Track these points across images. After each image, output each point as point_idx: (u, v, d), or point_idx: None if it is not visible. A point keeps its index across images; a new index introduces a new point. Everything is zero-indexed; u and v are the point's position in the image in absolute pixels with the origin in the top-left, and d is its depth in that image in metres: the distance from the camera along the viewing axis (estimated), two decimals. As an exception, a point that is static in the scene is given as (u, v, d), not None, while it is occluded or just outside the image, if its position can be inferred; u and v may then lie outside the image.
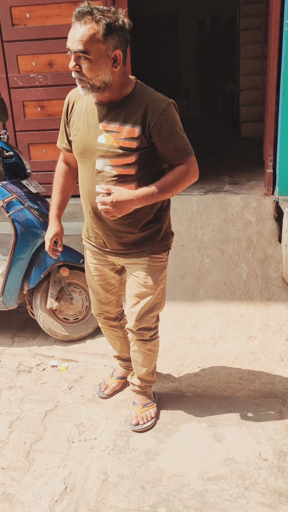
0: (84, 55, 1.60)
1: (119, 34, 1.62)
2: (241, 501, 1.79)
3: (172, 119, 1.76)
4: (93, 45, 1.59)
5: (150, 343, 2.13)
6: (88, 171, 1.87)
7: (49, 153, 3.98)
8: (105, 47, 1.61)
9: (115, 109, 1.76)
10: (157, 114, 1.73)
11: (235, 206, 3.63)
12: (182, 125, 1.84)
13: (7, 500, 1.86)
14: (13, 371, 2.69)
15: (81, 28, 1.58)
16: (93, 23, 1.57)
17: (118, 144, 1.77)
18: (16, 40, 3.74)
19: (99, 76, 1.65)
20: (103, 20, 1.57)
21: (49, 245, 2.14)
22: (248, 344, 2.79)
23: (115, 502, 1.81)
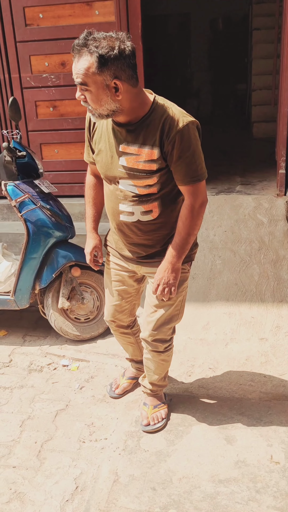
0: (85, 87, 1.62)
1: (116, 63, 1.58)
2: (253, 504, 1.78)
3: (188, 139, 1.69)
4: (90, 78, 1.59)
5: (164, 354, 2.11)
6: (112, 190, 1.90)
7: (61, 153, 3.99)
8: (102, 78, 1.59)
9: (134, 131, 1.74)
10: (172, 132, 1.68)
11: (247, 206, 3.62)
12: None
13: (18, 499, 1.86)
14: (25, 370, 2.70)
15: (79, 62, 1.59)
16: (88, 56, 1.57)
17: (138, 166, 1.76)
18: (29, 41, 3.75)
19: (103, 106, 1.65)
20: (95, 53, 1.55)
21: (90, 258, 2.15)
22: (260, 345, 2.77)
23: (126, 503, 1.81)
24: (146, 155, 1.74)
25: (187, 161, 1.72)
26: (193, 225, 1.82)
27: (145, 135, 1.72)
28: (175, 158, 1.71)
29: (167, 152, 1.71)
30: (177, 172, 1.76)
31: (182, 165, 1.73)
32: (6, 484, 1.94)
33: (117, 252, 2.09)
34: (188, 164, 1.72)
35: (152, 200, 1.84)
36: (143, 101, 1.71)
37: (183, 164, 1.72)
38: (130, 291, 2.17)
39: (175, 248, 1.85)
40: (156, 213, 1.87)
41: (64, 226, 2.82)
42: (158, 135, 1.70)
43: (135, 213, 1.87)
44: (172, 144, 1.69)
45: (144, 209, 1.86)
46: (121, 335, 2.34)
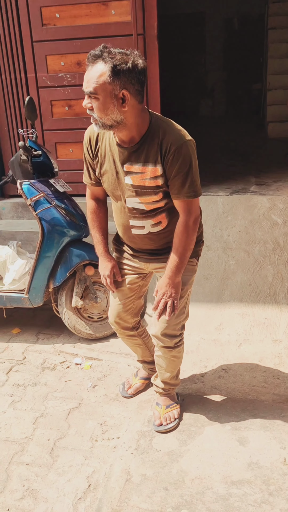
0: (93, 95, 1.67)
1: (127, 75, 1.64)
2: (265, 507, 1.77)
3: (185, 157, 1.75)
4: (100, 86, 1.64)
5: (175, 350, 2.11)
6: (120, 207, 1.97)
7: (76, 152, 4.01)
8: (112, 87, 1.64)
9: (136, 150, 1.79)
10: (171, 150, 1.74)
11: (261, 207, 3.59)
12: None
13: (31, 496, 1.88)
14: (38, 368, 2.72)
15: (92, 71, 1.65)
16: (101, 65, 1.63)
17: (144, 184, 1.83)
18: (46, 40, 3.77)
19: (108, 115, 1.69)
20: (109, 63, 1.62)
21: (110, 281, 2.15)
22: (273, 347, 2.75)
23: (138, 502, 1.82)
24: (150, 172, 1.80)
25: (183, 178, 1.78)
26: (189, 241, 1.90)
27: (146, 154, 1.78)
28: (172, 175, 1.78)
29: (166, 168, 1.78)
30: (173, 188, 1.82)
31: (178, 181, 1.79)
32: (19, 481, 1.95)
33: (125, 252, 2.13)
34: (184, 181, 1.79)
35: (159, 212, 1.92)
36: (145, 119, 1.77)
37: (179, 180, 1.79)
38: (134, 289, 2.19)
39: (174, 264, 1.91)
40: (165, 223, 1.95)
41: (79, 225, 2.83)
42: (158, 153, 1.77)
43: (146, 226, 1.96)
44: (170, 162, 1.75)
45: (153, 221, 1.94)
46: (127, 338, 2.34)
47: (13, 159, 2.83)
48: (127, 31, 3.60)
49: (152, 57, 3.66)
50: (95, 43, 3.68)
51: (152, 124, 1.77)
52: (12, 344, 2.99)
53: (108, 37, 3.67)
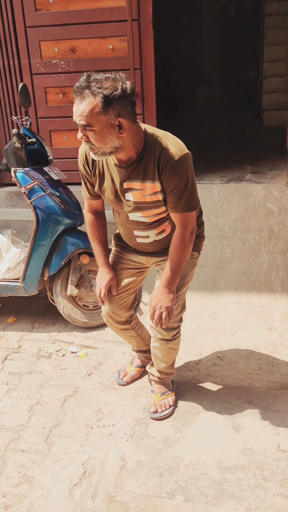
0: (88, 128, 1.65)
1: (120, 103, 1.62)
2: (259, 491, 1.79)
3: (181, 172, 1.76)
4: (95, 118, 1.62)
5: (172, 342, 2.12)
6: (123, 219, 2.00)
7: (70, 140, 3.97)
8: (107, 118, 1.63)
9: (135, 168, 1.79)
10: (167, 166, 1.75)
11: (257, 195, 3.59)
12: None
13: (27, 482, 1.89)
14: (33, 357, 2.72)
15: (81, 104, 1.62)
16: (91, 97, 1.60)
17: (145, 199, 1.85)
18: (39, 26, 3.71)
19: (107, 144, 1.68)
20: (100, 94, 1.59)
21: (105, 292, 2.14)
22: (268, 335, 2.77)
23: (133, 488, 1.83)
24: (149, 188, 1.81)
25: (180, 192, 1.79)
26: (185, 253, 1.91)
27: (144, 171, 1.79)
28: (169, 190, 1.79)
29: (163, 183, 1.79)
30: (170, 201, 1.83)
31: (175, 195, 1.80)
32: (15, 467, 1.96)
33: (126, 247, 2.15)
34: (180, 195, 1.80)
35: (162, 221, 1.95)
36: (140, 136, 1.77)
37: (176, 195, 1.80)
38: (130, 284, 2.19)
39: (169, 274, 1.92)
40: (168, 230, 1.99)
41: (73, 214, 2.82)
42: (156, 170, 1.77)
43: (150, 236, 2.00)
44: (167, 177, 1.76)
45: (158, 231, 1.98)
46: (120, 331, 2.34)
47: (7, 147, 2.81)
48: (122, 16, 3.56)
49: (147, 43, 3.62)
50: (90, 28, 3.65)
51: (147, 141, 1.77)
52: (8, 332, 2.99)
53: (103, 23, 3.63)
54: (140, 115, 3.80)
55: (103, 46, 3.69)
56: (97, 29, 3.64)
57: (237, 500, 1.76)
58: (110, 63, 3.72)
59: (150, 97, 3.75)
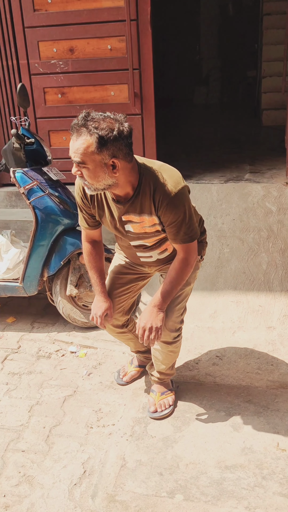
0: (82, 165, 1.66)
1: (115, 144, 1.64)
2: (259, 490, 1.79)
3: (178, 207, 1.79)
4: (89, 157, 1.64)
5: (172, 345, 2.12)
6: (125, 243, 2.03)
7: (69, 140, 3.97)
8: (101, 157, 1.64)
9: (132, 203, 1.82)
10: (163, 203, 1.77)
11: (255, 195, 3.59)
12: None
13: (27, 482, 1.89)
14: (33, 357, 2.72)
15: (77, 141, 1.63)
16: (87, 136, 1.61)
17: (145, 231, 1.90)
18: (38, 26, 3.71)
19: (99, 182, 1.71)
20: (95, 134, 1.60)
21: (101, 321, 2.13)
22: (267, 334, 2.77)
23: (133, 487, 1.84)
24: (148, 221, 1.85)
25: (178, 226, 1.82)
26: (185, 276, 1.94)
27: (141, 206, 1.81)
28: (167, 224, 1.83)
29: (160, 218, 1.83)
30: (170, 233, 1.87)
31: (173, 228, 1.83)
32: (15, 467, 1.97)
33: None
34: (179, 228, 1.83)
35: (163, 242, 1.99)
36: (135, 172, 1.78)
37: (175, 228, 1.83)
38: (130, 288, 2.21)
39: (164, 295, 1.94)
40: (171, 249, 2.03)
41: (72, 214, 2.82)
42: (152, 206, 1.80)
43: (153, 255, 2.04)
44: (163, 214, 1.80)
45: (160, 250, 2.02)
46: (118, 335, 2.34)
47: (6, 147, 2.81)
48: (120, 16, 3.56)
49: (145, 43, 3.62)
50: (88, 29, 3.65)
51: (142, 176, 1.78)
52: (7, 333, 2.99)
53: (101, 23, 3.63)
54: (139, 115, 3.80)
55: (101, 46, 3.69)
56: (96, 29, 3.65)
57: (236, 499, 1.76)
58: (108, 63, 3.72)
59: (148, 97, 3.75)
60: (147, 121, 3.81)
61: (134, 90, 3.71)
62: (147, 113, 3.79)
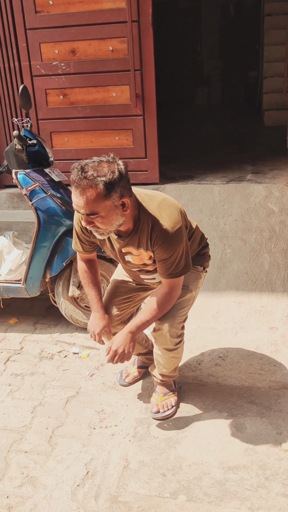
0: (96, 215, 1.69)
1: (120, 184, 1.67)
2: (262, 491, 1.79)
3: (170, 250, 1.83)
4: (100, 205, 1.66)
5: (174, 351, 2.11)
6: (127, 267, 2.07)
7: (71, 142, 3.99)
8: (111, 202, 1.68)
9: (131, 238, 1.87)
10: (157, 244, 1.83)
11: (257, 195, 3.59)
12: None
13: (30, 483, 1.90)
14: (36, 358, 2.73)
15: (83, 196, 1.64)
16: (91, 188, 1.63)
17: (144, 262, 1.96)
18: (39, 28, 3.73)
19: (113, 224, 1.75)
20: (100, 183, 1.62)
21: (99, 339, 2.13)
22: (270, 335, 2.77)
23: (136, 488, 1.84)
24: (145, 255, 1.92)
25: (169, 264, 1.86)
26: (164, 310, 1.97)
27: (139, 240, 1.87)
28: (158, 259, 1.89)
29: (154, 253, 1.89)
30: (159, 268, 1.91)
31: (164, 265, 1.88)
32: (18, 468, 1.97)
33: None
34: (170, 264, 1.87)
35: None
36: (136, 207, 1.82)
37: (165, 265, 1.87)
38: (131, 297, 2.22)
39: (141, 324, 1.97)
40: None
41: (75, 215, 2.82)
42: (149, 243, 1.85)
43: (156, 277, 2.06)
44: (157, 251, 1.86)
45: None
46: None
47: (8, 149, 2.81)
48: (122, 17, 3.57)
49: (147, 44, 3.63)
50: (90, 30, 3.66)
51: (141, 211, 1.82)
52: (10, 334, 3.00)
53: (103, 24, 3.64)
54: (140, 116, 3.81)
55: (103, 47, 3.70)
56: (97, 31, 3.66)
57: (239, 499, 1.76)
58: (110, 65, 3.73)
59: (150, 98, 3.76)
60: (149, 122, 3.82)
61: (136, 91, 3.71)
62: (148, 114, 3.80)
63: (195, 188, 3.78)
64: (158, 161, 3.93)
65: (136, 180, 3.98)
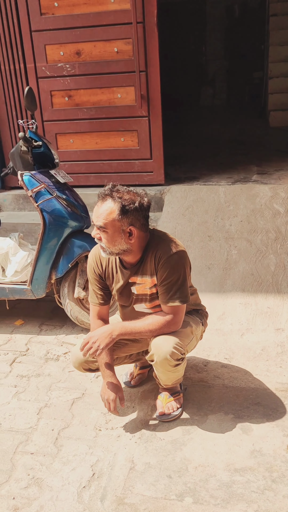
0: (102, 229, 1.88)
1: (134, 214, 1.87)
2: (268, 494, 1.78)
3: (173, 267, 1.94)
4: (110, 222, 1.86)
5: (175, 368, 2.06)
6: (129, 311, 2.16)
7: (76, 143, 3.99)
8: (120, 224, 1.86)
9: (138, 267, 2.02)
10: (161, 261, 1.95)
11: (263, 196, 3.58)
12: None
13: (36, 484, 1.90)
14: (41, 359, 2.73)
15: (102, 207, 1.87)
16: (111, 203, 1.85)
17: (145, 292, 2.05)
18: (44, 30, 3.74)
19: (116, 246, 1.92)
20: (118, 203, 1.84)
21: (114, 406, 2.08)
22: (276, 336, 2.76)
23: (142, 490, 1.83)
24: (150, 282, 2.02)
25: (171, 285, 1.96)
26: (161, 331, 2.01)
27: (143, 268, 2.01)
28: (160, 281, 1.98)
29: (157, 275, 1.99)
30: (161, 293, 2.00)
31: (164, 287, 1.98)
32: (24, 470, 1.97)
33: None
34: (171, 288, 1.96)
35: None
36: (146, 240, 1.99)
37: (167, 286, 1.97)
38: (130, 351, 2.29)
39: (129, 328, 2.01)
40: None
41: (80, 216, 2.83)
42: (153, 265, 1.98)
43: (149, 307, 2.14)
44: (160, 271, 1.96)
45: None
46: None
47: (14, 150, 2.82)
48: (127, 19, 3.57)
49: (152, 46, 3.64)
50: (95, 32, 3.67)
51: (149, 241, 1.99)
52: (15, 335, 3.01)
53: (108, 26, 3.65)
54: (146, 117, 3.81)
55: (108, 49, 3.71)
56: (102, 32, 3.66)
57: (246, 502, 1.75)
58: (115, 66, 3.74)
59: (155, 99, 3.76)
60: (154, 123, 3.82)
61: (141, 92, 3.71)
62: (154, 115, 3.80)
63: (200, 189, 3.77)
64: (163, 162, 3.93)
65: (141, 181, 3.98)
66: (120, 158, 3.96)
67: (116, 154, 3.95)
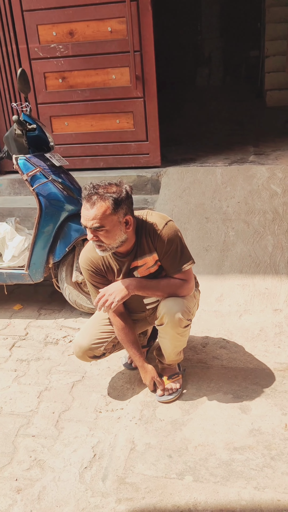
0: (100, 229, 1.87)
1: (125, 202, 1.88)
2: (267, 471, 1.81)
3: (168, 240, 1.98)
4: (107, 219, 1.85)
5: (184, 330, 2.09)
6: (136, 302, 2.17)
7: (71, 126, 3.95)
8: (117, 217, 1.87)
9: (136, 250, 2.03)
10: (157, 237, 1.98)
11: (260, 177, 3.56)
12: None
13: (38, 466, 1.92)
14: (41, 343, 2.74)
15: (93, 209, 1.84)
16: (102, 202, 1.84)
17: (149, 271, 2.07)
18: (36, 9, 3.66)
19: (116, 240, 1.92)
20: (110, 198, 1.84)
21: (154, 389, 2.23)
22: (274, 317, 2.77)
23: (142, 470, 1.86)
24: (150, 260, 2.04)
25: (173, 253, 2.00)
26: (176, 292, 2.04)
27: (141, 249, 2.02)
28: (163, 254, 2.01)
29: (157, 250, 2.01)
30: (167, 265, 2.04)
31: (168, 258, 2.02)
32: (26, 452, 1.99)
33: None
34: (174, 256, 2.01)
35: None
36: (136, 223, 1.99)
37: (169, 257, 2.01)
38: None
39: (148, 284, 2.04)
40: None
41: (76, 200, 2.81)
42: (150, 242, 2.01)
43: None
44: (158, 243, 1.99)
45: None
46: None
47: (8, 134, 2.79)
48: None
49: (146, 24, 3.57)
50: (87, 11, 3.59)
51: (137, 225, 1.99)
52: (14, 320, 3.01)
53: (101, 4, 3.58)
54: (141, 98, 3.76)
55: (101, 28, 3.64)
56: (95, 11, 3.59)
57: (245, 479, 1.78)
58: (109, 46, 3.67)
59: (150, 79, 3.71)
60: (150, 104, 3.77)
61: (136, 73, 3.66)
62: (149, 96, 3.75)
63: (197, 170, 3.75)
64: (160, 144, 3.89)
65: (137, 164, 3.95)
66: (115, 141, 3.92)
67: (111, 136, 3.91)
